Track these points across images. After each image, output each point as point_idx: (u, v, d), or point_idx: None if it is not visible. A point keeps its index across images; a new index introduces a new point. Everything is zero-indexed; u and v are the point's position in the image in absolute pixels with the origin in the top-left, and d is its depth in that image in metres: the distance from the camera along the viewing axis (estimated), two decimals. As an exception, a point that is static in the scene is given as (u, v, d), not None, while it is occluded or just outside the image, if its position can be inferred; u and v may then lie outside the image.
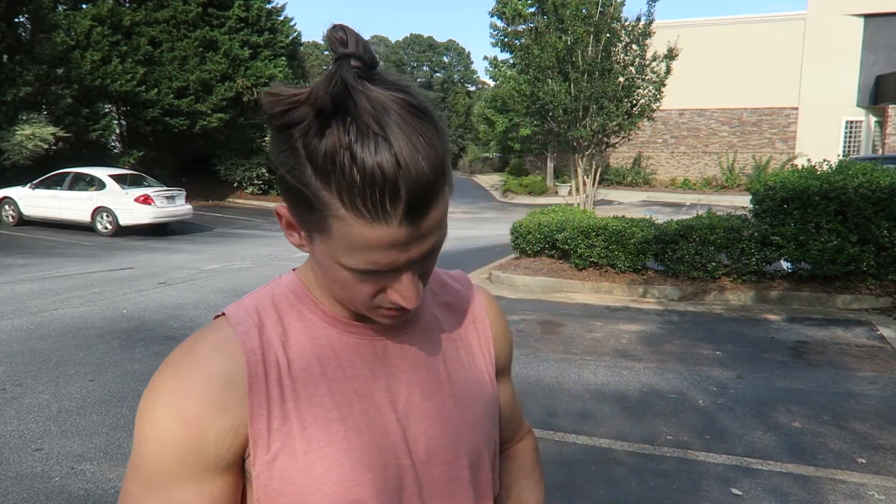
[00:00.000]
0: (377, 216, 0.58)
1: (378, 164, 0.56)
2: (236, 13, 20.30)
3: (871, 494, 3.27)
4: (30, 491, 3.21)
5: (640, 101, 13.86)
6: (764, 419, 4.21)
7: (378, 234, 0.59)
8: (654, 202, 21.67)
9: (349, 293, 0.67)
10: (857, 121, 23.27)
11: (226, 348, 0.69)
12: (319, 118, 0.57)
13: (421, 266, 0.66)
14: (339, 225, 0.59)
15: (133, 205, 13.21)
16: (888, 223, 7.15)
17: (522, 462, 0.98)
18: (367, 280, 0.64)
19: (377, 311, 0.69)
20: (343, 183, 0.57)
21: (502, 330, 0.90)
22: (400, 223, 0.58)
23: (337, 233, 0.60)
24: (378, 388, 0.73)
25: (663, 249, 8.12)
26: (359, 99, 0.57)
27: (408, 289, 0.65)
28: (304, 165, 0.58)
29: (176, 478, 0.67)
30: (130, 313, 6.79)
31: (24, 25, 16.37)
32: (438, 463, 0.76)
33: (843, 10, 22.75)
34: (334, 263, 0.64)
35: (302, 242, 0.67)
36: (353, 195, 0.57)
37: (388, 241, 0.59)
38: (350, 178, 0.56)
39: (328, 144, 0.56)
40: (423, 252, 0.63)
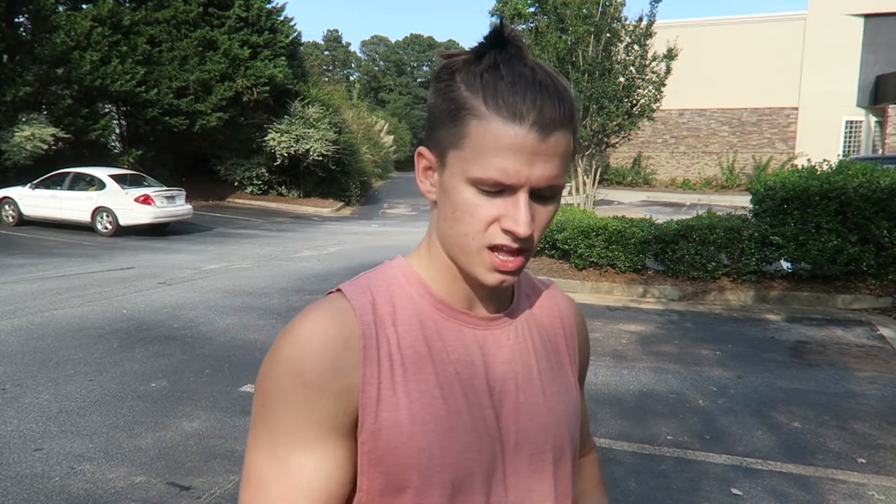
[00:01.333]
0: (513, 115, 0.66)
1: (520, 75, 0.67)
2: (236, 13, 20.28)
3: (871, 494, 3.27)
4: (30, 491, 3.21)
5: (640, 101, 13.86)
6: (764, 419, 4.21)
7: (510, 133, 0.66)
8: (654, 202, 21.67)
9: (465, 223, 0.70)
10: (857, 121, 23.27)
11: (343, 317, 0.73)
12: (478, 53, 0.69)
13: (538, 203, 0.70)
14: (478, 125, 0.67)
15: (133, 205, 13.21)
16: (888, 223, 7.15)
17: (588, 476, 1.02)
18: (487, 200, 0.69)
19: (485, 254, 0.71)
20: (489, 88, 0.67)
21: (585, 340, 0.94)
22: (530, 127, 0.66)
23: (474, 135, 0.67)
24: (477, 374, 0.76)
25: (663, 249, 8.12)
26: (512, 42, 0.69)
27: (522, 213, 0.68)
28: (458, 84, 0.69)
29: (298, 440, 0.70)
30: (130, 313, 6.79)
31: (24, 25, 16.37)
32: (525, 454, 0.79)
33: (843, 10, 22.74)
34: (461, 182, 0.69)
35: (431, 187, 0.74)
36: (496, 96, 0.66)
37: (517, 143, 0.66)
38: (495, 84, 0.67)
39: (482, 65, 0.68)
40: (544, 176, 0.67)
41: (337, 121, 22.53)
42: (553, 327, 0.88)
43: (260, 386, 0.72)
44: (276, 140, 20.63)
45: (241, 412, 4.27)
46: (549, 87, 0.67)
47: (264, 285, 8.51)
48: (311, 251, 11.96)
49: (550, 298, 0.91)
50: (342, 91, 31.31)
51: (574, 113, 0.70)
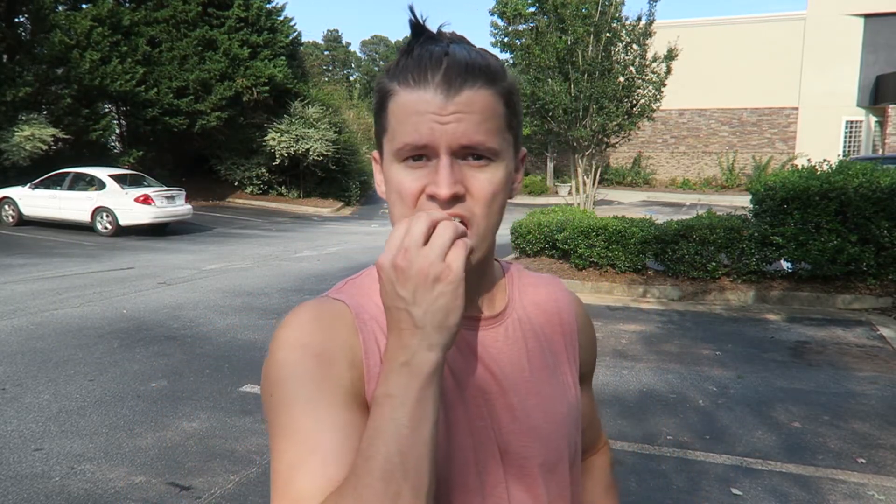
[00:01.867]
0: (418, 82, 0.67)
1: (429, 50, 0.68)
2: (236, 13, 20.28)
3: (871, 494, 3.27)
4: (29, 491, 3.21)
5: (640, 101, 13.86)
6: (764, 419, 4.21)
7: (416, 97, 0.67)
8: (654, 202, 21.67)
9: (399, 202, 0.69)
10: (858, 121, 23.27)
11: (340, 314, 0.72)
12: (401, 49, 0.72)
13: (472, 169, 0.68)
14: (394, 104, 0.69)
15: (133, 205, 13.21)
16: (888, 223, 7.15)
17: (598, 479, 0.98)
18: (413, 173, 0.68)
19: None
20: (400, 68, 0.69)
21: (589, 338, 0.91)
22: (436, 88, 0.66)
23: (391, 112, 0.69)
24: (467, 374, 0.75)
25: (663, 249, 8.12)
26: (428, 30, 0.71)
27: (441, 174, 0.66)
28: (383, 79, 0.72)
29: (325, 405, 0.65)
30: (130, 313, 6.79)
31: (23, 25, 16.37)
32: (514, 458, 0.76)
33: (843, 9, 22.74)
34: (392, 164, 0.70)
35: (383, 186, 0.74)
36: (405, 72, 0.68)
37: (424, 105, 0.66)
38: (405, 64, 0.69)
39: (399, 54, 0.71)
40: (460, 133, 0.66)
41: (337, 121, 22.53)
42: (550, 325, 0.85)
43: (266, 379, 0.69)
44: (276, 140, 20.63)
45: (242, 412, 4.27)
46: (458, 53, 0.68)
47: (264, 285, 8.51)
48: (311, 251, 11.96)
49: (549, 295, 0.87)
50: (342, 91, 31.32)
51: (495, 73, 0.69)
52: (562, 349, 0.85)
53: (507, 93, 0.70)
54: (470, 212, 0.68)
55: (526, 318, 0.83)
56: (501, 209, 0.72)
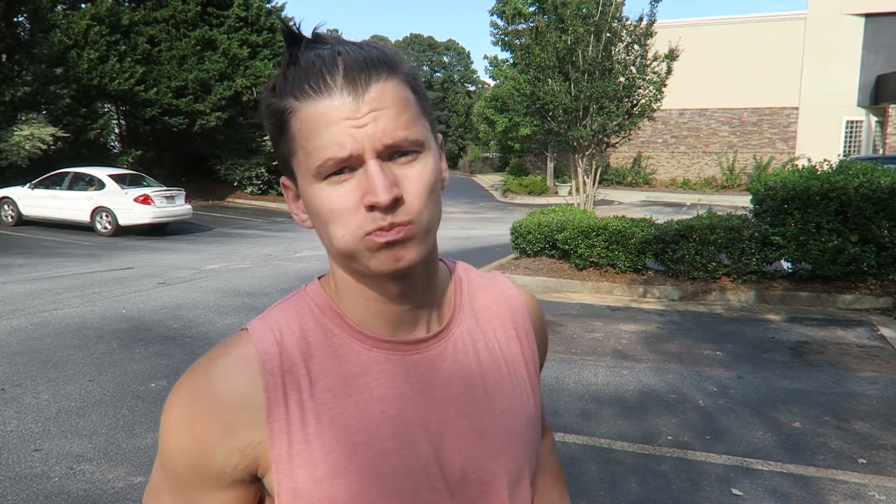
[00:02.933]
0: (320, 90, 0.62)
1: (317, 55, 0.63)
2: (235, 12, 20.28)
3: (872, 495, 3.26)
4: (29, 491, 3.20)
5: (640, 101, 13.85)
6: (764, 419, 4.20)
7: (323, 106, 0.61)
8: (654, 202, 21.67)
9: (333, 222, 0.64)
10: (858, 121, 23.26)
11: (244, 368, 0.67)
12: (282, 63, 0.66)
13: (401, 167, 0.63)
14: (297, 121, 0.63)
15: (132, 205, 13.20)
16: (889, 223, 7.14)
17: (546, 467, 0.93)
18: (342, 187, 0.62)
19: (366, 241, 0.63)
20: (293, 81, 0.63)
21: (542, 334, 0.86)
22: (341, 90, 0.61)
23: (298, 130, 0.63)
24: (409, 407, 0.70)
25: (663, 249, 8.11)
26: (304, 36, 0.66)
27: (375, 180, 0.61)
28: (273, 98, 0.65)
29: (189, 483, 0.68)
30: (130, 313, 6.78)
31: (22, 25, 16.36)
32: (474, 482, 0.72)
33: (844, 9, 22.74)
34: (312, 185, 0.64)
35: (304, 214, 0.69)
36: (301, 83, 0.62)
37: (335, 112, 0.61)
38: (295, 75, 0.63)
39: (281, 68, 0.65)
40: (382, 132, 0.61)
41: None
42: (504, 330, 0.79)
43: (161, 423, 0.70)
44: (276, 140, 20.62)
45: (241, 412, 4.26)
46: (349, 50, 0.63)
47: (264, 285, 8.50)
48: (311, 251, 11.95)
49: (498, 296, 0.82)
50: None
51: (394, 61, 0.65)
52: (518, 353, 0.79)
53: (411, 78, 0.66)
54: (409, 213, 0.63)
55: (477, 327, 0.77)
56: (439, 200, 0.67)
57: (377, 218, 0.62)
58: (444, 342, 0.73)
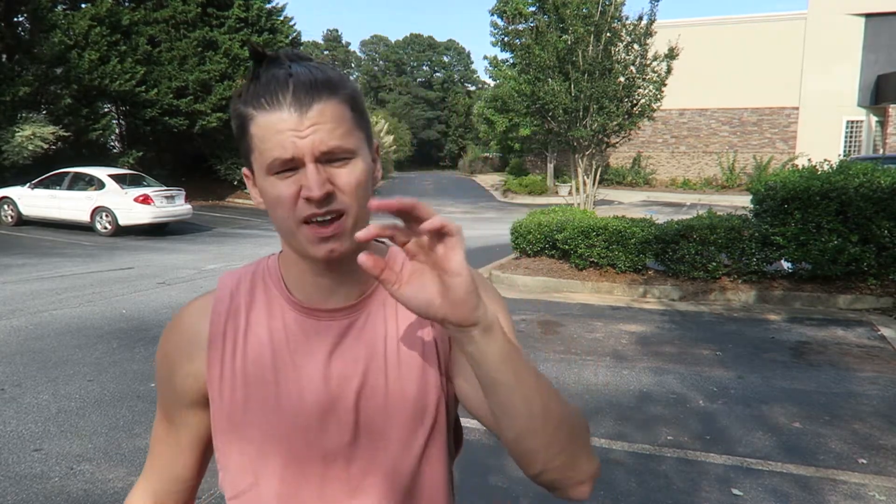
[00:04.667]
0: (272, 104, 0.76)
1: (274, 75, 0.77)
2: (236, 13, 20.28)
3: (872, 495, 3.26)
4: (28, 491, 3.20)
5: (640, 101, 13.84)
6: (764, 419, 4.20)
7: (275, 118, 0.75)
8: (654, 202, 21.66)
9: (278, 208, 0.78)
10: (858, 121, 23.26)
11: (202, 309, 0.89)
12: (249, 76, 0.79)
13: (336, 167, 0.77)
14: (255, 127, 0.77)
15: (132, 204, 13.20)
16: (889, 223, 7.14)
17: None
18: (286, 181, 0.76)
19: (304, 230, 0.78)
20: (252, 94, 0.77)
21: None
22: (289, 108, 0.75)
23: (254, 135, 0.77)
24: (314, 361, 0.85)
25: (664, 249, 8.11)
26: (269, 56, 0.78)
27: (310, 178, 0.75)
28: (238, 106, 0.79)
29: (165, 401, 0.94)
30: (130, 313, 6.78)
31: (22, 25, 16.36)
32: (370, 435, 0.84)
33: (844, 9, 22.73)
34: (264, 178, 0.78)
35: (259, 198, 0.83)
36: (258, 97, 0.76)
37: (283, 124, 0.75)
38: (256, 89, 0.77)
39: (246, 80, 0.79)
40: (319, 142, 0.75)
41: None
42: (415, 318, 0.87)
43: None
44: (276, 140, 20.61)
45: (241, 412, 4.26)
46: (300, 73, 0.76)
47: (264, 285, 8.49)
48: (311, 251, 11.95)
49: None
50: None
51: (336, 84, 0.78)
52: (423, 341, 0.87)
53: (350, 98, 0.79)
54: (342, 204, 0.77)
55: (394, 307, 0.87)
56: (369, 197, 0.79)
57: (312, 208, 0.76)
58: (356, 314, 0.86)
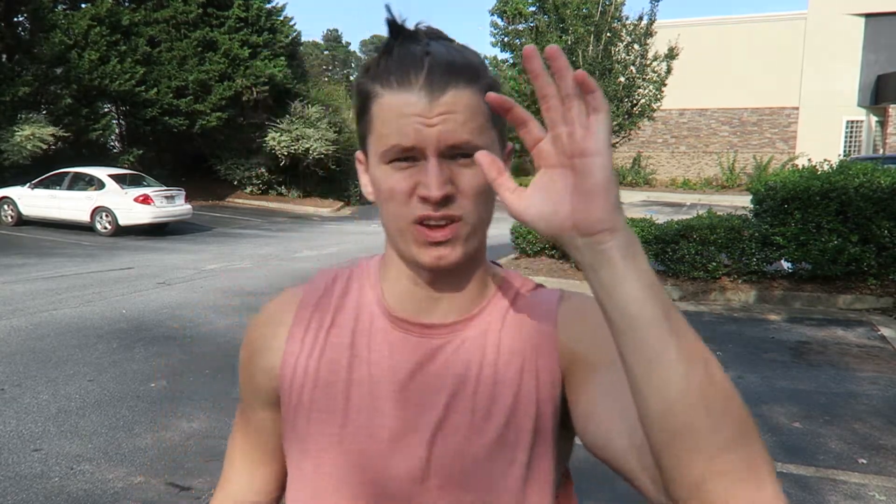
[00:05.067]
0: (402, 84, 0.67)
1: (410, 51, 0.69)
2: (236, 13, 20.27)
3: (872, 495, 3.26)
4: (28, 491, 3.20)
5: (640, 101, 13.84)
6: (764, 419, 4.20)
7: (401, 100, 0.67)
8: (654, 202, 21.65)
9: (389, 203, 0.70)
10: (858, 121, 23.26)
11: (288, 301, 0.82)
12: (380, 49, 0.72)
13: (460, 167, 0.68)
14: (377, 106, 0.69)
15: (132, 204, 13.19)
16: (889, 223, 7.14)
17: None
18: (402, 173, 0.68)
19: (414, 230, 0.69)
20: (382, 70, 0.70)
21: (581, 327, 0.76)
22: (420, 89, 0.66)
23: (375, 115, 0.69)
24: (393, 379, 0.75)
25: (664, 249, 8.11)
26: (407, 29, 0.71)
27: (430, 175, 0.67)
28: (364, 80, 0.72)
29: (244, 397, 0.86)
30: (130, 313, 6.78)
31: (22, 25, 16.36)
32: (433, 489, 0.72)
33: (844, 9, 22.73)
34: (379, 165, 0.70)
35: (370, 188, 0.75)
36: (388, 74, 0.69)
37: (410, 107, 0.67)
38: (387, 65, 0.69)
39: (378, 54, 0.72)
40: (447, 133, 0.66)
41: (337, 121, 22.52)
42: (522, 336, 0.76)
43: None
44: (276, 140, 20.61)
45: (241, 412, 4.26)
46: (439, 52, 0.68)
47: (264, 285, 8.50)
48: (311, 251, 11.95)
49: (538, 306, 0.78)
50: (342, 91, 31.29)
51: (476, 71, 0.70)
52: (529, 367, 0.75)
53: (489, 89, 0.68)
54: (461, 209, 0.69)
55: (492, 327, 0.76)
56: (491, 204, 0.72)
57: (427, 209, 0.68)
58: (451, 336, 0.76)
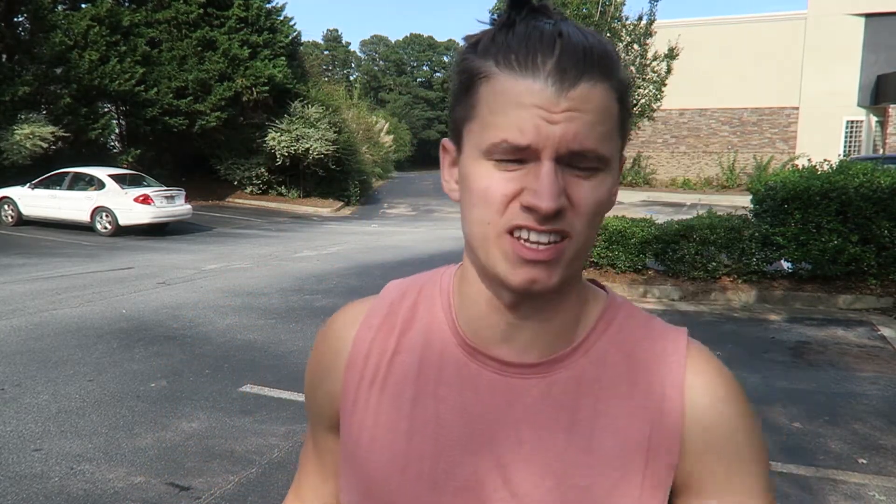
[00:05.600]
0: (526, 67, 0.55)
1: (536, 28, 0.56)
2: (236, 13, 20.27)
3: (872, 495, 3.25)
4: (28, 491, 3.20)
5: (640, 101, 13.84)
6: (764, 420, 4.20)
7: (523, 86, 0.55)
8: (654, 202, 21.65)
9: (481, 206, 0.57)
10: (858, 120, 23.26)
11: (355, 316, 0.72)
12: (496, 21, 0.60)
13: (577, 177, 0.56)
14: (488, 87, 0.57)
15: (132, 204, 13.19)
16: (889, 223, 7.14)
17: None
18: (506, 175, 0.56)
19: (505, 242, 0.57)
20: (500, 46, 0.57)
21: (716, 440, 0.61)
22: (547, 77, 0.54)
23: (485, 98, 0.57)
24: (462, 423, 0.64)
25: (664, 249, 8.11)
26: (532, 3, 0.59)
27: (544, 182, 0.54)
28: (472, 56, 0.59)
29: (310, 418, 0.78)
30: (130, 313, 6.78)
31: (22, 25, 16.37)
32: None
33: (844, 9, 22.73)
34: (476, 160, 0.58)
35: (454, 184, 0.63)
36: (508, 52, 0.56)
37: (533, 96, 0.54)
38: (507, 41, 0.56)
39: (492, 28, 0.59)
40: (572, 134, 0.54)
41: (337, 120, 22.52)
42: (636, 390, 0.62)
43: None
44: (276, 140, 20.62)
45: (241, 412, 4.26)
46: (572, 35, 0.56)
47: (264, 285, 8.50)
48: (311, 251, 11.95)
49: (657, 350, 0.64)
50: (342, 91, 31.30)
51: (613, 63, 0.58)
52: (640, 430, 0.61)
53: (623, 87, 0.59)
54: (571, 227, 0.57)
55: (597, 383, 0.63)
56: (601, 223, 0.61)
57: (530, 219, 0.56)
58: (537, 377, 0.63)
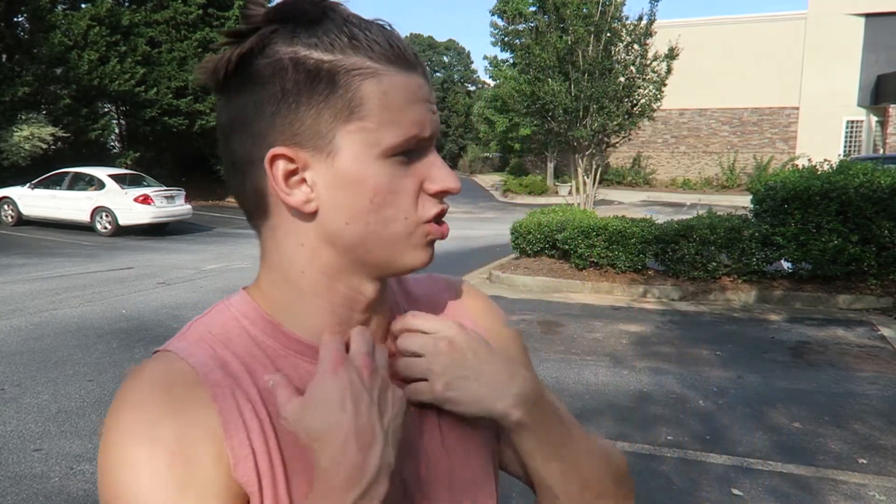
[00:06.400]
0: (404, 62, 0.55)
1: (365, 22, 0.56)
2: (236, 14, 20.28)
3: (872, 495, 3.26)
4: (28, 491, 3.20)
5: (640, 101, 13.84)
6: (764, 419, 4.20)
7: (412, 82, 0.55)
8: (654, 202, 21.65)
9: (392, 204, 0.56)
10: (858, 120, 23.25)
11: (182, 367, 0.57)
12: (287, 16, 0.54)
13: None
14: (376, 84, 0.54)
15: (132, 205, 13.20)
16: (889, 223, 7.14)
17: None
18: (406, 169, 0.56)
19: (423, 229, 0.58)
20: (361, 41, 0.54)
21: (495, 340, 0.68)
22: (420, 70, 0.57)
23: (375, 96, 0.54)
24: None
25: (664, 249, 8.11)
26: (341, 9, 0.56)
27: (444, 168, 0.58)
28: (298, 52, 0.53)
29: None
30: (130, 313, 6.78)
31: (22, 25, 16.37)
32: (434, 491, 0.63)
33: (844, 9, 22.73)
34: (373, 160, 0.55)
35: (309, 194, 0.56)
36: (382, 50, 0.55)
37: (421, 89, 0.56)
38: (366, 36, 0.54)
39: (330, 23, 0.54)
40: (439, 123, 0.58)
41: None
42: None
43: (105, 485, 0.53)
44: (276, 140, 20.63)
45: (241, 412, 4.25)
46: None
47: (264, 285, 8.49)
48: (311, 251, 11.94)
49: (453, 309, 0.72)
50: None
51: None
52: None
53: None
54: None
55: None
56: None
57: (440, 203, 0.59)
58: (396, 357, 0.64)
